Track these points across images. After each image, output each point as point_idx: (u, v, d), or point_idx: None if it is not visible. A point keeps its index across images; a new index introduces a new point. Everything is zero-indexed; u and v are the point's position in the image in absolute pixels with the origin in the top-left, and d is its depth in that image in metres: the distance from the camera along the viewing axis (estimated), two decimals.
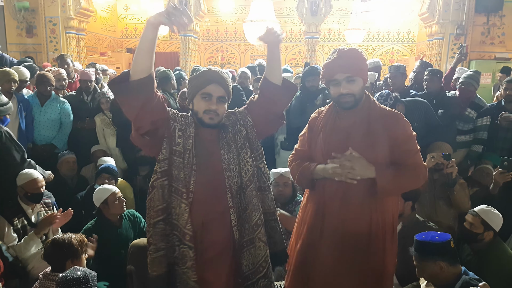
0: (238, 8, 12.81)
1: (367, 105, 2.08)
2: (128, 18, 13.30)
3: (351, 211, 2.07)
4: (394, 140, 2.01)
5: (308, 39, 9.74)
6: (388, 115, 2.07)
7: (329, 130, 2.15)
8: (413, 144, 2.06)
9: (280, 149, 4.87)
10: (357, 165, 1.97)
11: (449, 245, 2.21)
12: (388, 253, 2.11)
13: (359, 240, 2.06)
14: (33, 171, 3.31)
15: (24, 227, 3.18)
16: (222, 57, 13.31)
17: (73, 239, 2.47)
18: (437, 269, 2.20)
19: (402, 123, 2.06)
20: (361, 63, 2.06)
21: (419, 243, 2.26)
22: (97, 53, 11.50)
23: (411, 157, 2.04)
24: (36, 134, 4.54)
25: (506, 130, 4.21)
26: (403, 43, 12.68)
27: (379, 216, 2.06)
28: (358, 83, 2.04)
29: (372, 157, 2.00)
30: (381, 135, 2.02)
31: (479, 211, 2.80)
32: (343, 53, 2.04)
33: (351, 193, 2.05)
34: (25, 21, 9.17)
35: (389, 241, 2.11)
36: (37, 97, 4.58)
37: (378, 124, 2.03)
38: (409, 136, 2.05)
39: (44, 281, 2.39)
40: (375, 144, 2.01)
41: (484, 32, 8.66)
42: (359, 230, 2.06)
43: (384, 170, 1.98)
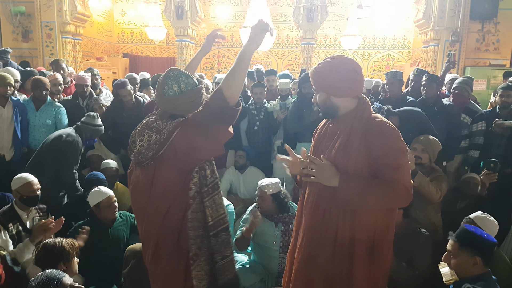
0: (234, 14, 12.84)
1: (353, 115, 2.03)
2: (125, 23, 13.30)
3: (319, 215, 2.05)
4: (371, 152, 1.91)
5: (304, 45, 9.77)
6: (371, 126, 1.96)
7: (321, 136, 2.19)
8: (394, 159, 1.90)
9: (277, 155, 4.86)
10: (320, 171, 1.94)
11: (493, 248, 2.26)
12: (358, 267, 2.00)
13: (324, 245, 2.03)
14: (27, 174, 3.29)
15: (19, 233, 3.15)
16: (219, 62, 13.33)
17: (64, 243, 2.46)
18: (471, 262, 2.21)
19: (385, 135, 1.93)
20: (325, 77, 2.02)
21: (467, 233, 2.25)
22: (93, 58, 11.48)
23: (389, 173, 1.89)
24: (31, 138, 4.52)
25: (500, 136, 4.24)
26: (398, 49, 12.75)
27: (346, 228, 1.98)
28: (320, 95, 2.07)
29: (345, 167, 1.94)
30: (357, 145, 1.94)
31: (474, 219, 2.81)
32: (318, 66, 2.07)
33: (322, 197, 2.04)
34: (21, 26, 9.15)
35: (361, 257, 1.99)
36: (32, 101, 4.56)
37: (357, 134, 1.96)
38: (390, 150, 1.90)
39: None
40: (349, 154, 1.95)
41: (479, 39, 8.73)
42: (324, 235, 2.03)
43: (349, 182, 1.90)
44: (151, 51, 13.43)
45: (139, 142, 1.97)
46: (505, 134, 4.22)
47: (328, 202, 2.02)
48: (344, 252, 2.01)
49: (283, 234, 3.21)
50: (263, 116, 4.84)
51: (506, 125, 4.15)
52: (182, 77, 2.00)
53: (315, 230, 2.07)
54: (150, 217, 2.07)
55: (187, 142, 1.93)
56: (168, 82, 2.00)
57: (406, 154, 1.99)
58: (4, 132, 4.30)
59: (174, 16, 9.73)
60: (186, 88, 2.00)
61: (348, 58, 2.08)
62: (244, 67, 1.93)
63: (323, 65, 2.05)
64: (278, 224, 3.24)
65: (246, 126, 4.88)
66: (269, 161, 5.01)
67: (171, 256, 2.09)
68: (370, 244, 2.01)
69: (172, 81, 1.99)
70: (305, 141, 4.59)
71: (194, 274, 2.05)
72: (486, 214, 2.84)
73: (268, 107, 4.86)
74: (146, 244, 2.16)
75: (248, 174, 4.66)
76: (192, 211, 2.01)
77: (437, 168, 3.40)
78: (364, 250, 2.00)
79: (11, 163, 4.33)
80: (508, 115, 4.27)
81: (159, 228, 2.05)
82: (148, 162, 1.98)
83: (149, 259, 2.14)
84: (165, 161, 1.97)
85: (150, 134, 1.95)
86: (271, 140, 4.98)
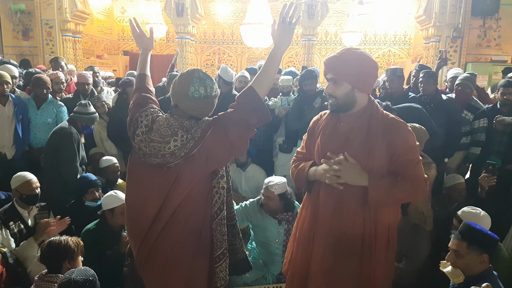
0: (235, 11, 12.81)
1: (369, 111, 2.00)
2: (125, 21, 13.27)
3: (343, 217, 2.01)
4: (394, 149, 1.93)
5: (305, 42, 9.75)
6: (390, 123, 1.98)
7: (328, 134, 2.11)
8: (414, 155, 1.97)
9: (279, 152, 4.87)
10: (347, 170, 1.91)
11: (497, 244, 2.31)
12: (379, 265, 2.03)
13: (350, 248, 2.01)
14: (27, 173, 3.29)
15: (20, 231, 3.16)
16: (219, 59, 13.30)
17: (69, 241, 2.46)
18: (478, 260, 2.20)
19: (404, 132, 1.97)
20: (353, 68, 1.95)
21: (473, 230, 2.23)
22: (93, 56, 11.48)
23: (411, 168, 1.94)
24: (32, 137, 4.53)
25: (501, 133, 4.22)
26: (399, 45, 12.72)
27: (372, 226, 2.00)
28: (343, 87, 1.98)
29: (369, 165, 1.93)
30: (380, 143, 1.94)
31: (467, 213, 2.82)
32: (341, 54, 2.00)
33: (345, 199, 2.01)
34: (21, 24, 9.15)
35: (382, 252, 2.03)
36: (33, 100, 4.56)
37: (378, 132, 1.95)
38: (410, 146, 1.96)
39: (40, 283, 2.37)
40: (372, 151, 1.94)
41: (480, 35, 8.71)
42: (350, 238, 2.00)
43: (378, 180, 1.91)
44: None
45: (173, 142, 1.87)
46: (506, 131, 4.20)
47: (353, 203, 1.99)
48: (370, 251, 2.02)
49: (286, 233, 3.21)
50: None
51: (507, 122, 4.13)
52: (208, 80, 1.99)
53: (340, 233, 2.02)
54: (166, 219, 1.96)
55: (224, 141, 1.90)
56: (194, 83, 1.95)
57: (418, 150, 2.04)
58: (5, 131, 4.30)
59: (174, 13, 9.71)
60: (212, 93, 1.98)
61: (367, 52, 2.06)
62: (274, 67, 1.98)
63: (349, 54, 1.99)
64: (282, 223, 3.24)
65: None
66: (270, 158, 5.00)
67: (193, 257, 2.02)
68: (387, 239, 2.05)
69: (199, 84, 1.95)
70: None
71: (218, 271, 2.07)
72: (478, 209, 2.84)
73: (269, 104, 4.84)
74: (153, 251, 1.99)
75: (250, 171, 4.65)
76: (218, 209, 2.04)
77: (424, 155, 3.38)
78: (384, 246, 2.04)
79: (12, 162, 4.32)
80: (509, 111, 4.24)
81: (180, 229, 1.96)
82: (177, 162, 1.91)
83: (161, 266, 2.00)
84: (196, 161, 1.90)
85: (182, 134, 1.89)
86: (272, 137, 4.97)
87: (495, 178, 3.43)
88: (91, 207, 3.53)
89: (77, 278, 2.00)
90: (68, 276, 2.03)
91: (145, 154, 1.93)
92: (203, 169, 1.96)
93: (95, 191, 3.57)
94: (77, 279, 2.00)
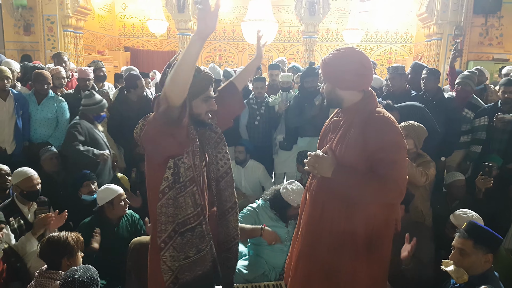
0: (236, 8, 12.79)
1: (356, 108, 2.02)
2: (126, 17, 13.27)
3: (318, 207, 2.08)
4: (367, 145, 1.90)
5: (306, 39, 9.73)
6: (371, 120, 1.95)
7: (327, 127, 2.21)
8: (389, 154, 1.88)
9: (279, 149, 4.87)
10: (319, 162, 1.98)
11: (501, 244, 2.30)
12: (358, 261, 2.01)
13: (322, 237, 2.05)
14: (28, 169, 3.30)
15: (20, 227, 3.17)
16: (220, 56, 13.29)
17: (68, 237, 2.44)
18: (483, 259, 2.19)
19: (383, 130, 1.91)
20: (330, 68, 2.03)
21: (481, 230, 2.22)
22: (94, 52, 11.46)
23: (382, 168, 1.87)
24: (32, 132, 4.52)
25: (502, 131, 4.22)
26: (401, 43, 12.70)
27: (342, 219, 2.00)
28: (326, 86, 2.10)
29: (342, 159, 1.97)
30: (355, 139, 1.94)
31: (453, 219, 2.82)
32: (328, 55, 2.06)
33: (320, 188, 2.08)
34: (22, 19, 9.13)
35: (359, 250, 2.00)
36: (34, 95, 4.56)
37: (357, 128, 1.96)
38: (386, 145, 1.88)
39: (40, 279, 2.36)
40: (347, 147, 1.96)
41: (482, 33, 8.67)
42: (322, 226, 2.05)
43: (342, 174, 1.94)
44: (152, 44, 13.40)
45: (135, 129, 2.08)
46: (507, 129, 4.20)
47: (326, 194, 2.05)
48: (341, 244, 2.01)
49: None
50: (263, 111, 4.82)
51: (507, 120, 4.13)
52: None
53: (313, 222, 2.10)
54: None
55: (147, 137, 1.96)
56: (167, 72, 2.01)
57: (403, 150, 1.96)
58: (5, 126, 4.30)
59: (176, 9, 9.69)
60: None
61: (357, 51, 2.06)
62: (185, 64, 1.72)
63: (332, 56, 2.05)
64: (290, 223, 3.22)
65: (246, 120, 4.87)
66: (269, 155, 5.00)
67: (153, 249, 2.15)
68: (368, 239, 2.00)
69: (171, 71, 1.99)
70: (307, 135, 4.59)
71: (162, 261, 2.05)
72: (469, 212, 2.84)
73: (269, 101, 4.84)
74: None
75: (249, 168, 4.65)
76: (161, 205, 1.99)
77: (424, 154, 3.38)
78: (362, 244, 2.00)
79: (12, 157, 4.33)
80: (510, 110, 4.25)
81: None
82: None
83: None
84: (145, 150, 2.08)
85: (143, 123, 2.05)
86: (271, 134, 4.97)
87: (491, 180, 3.42)
88: (87, 201, 3.56)
89: (81, 277, 1.97)
90: (71, 275, 1.99)
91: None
92: (149, 163, 2.08)
93: (90, 183, 3.60)
94: (81, 278, 1.97)
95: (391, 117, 2.00)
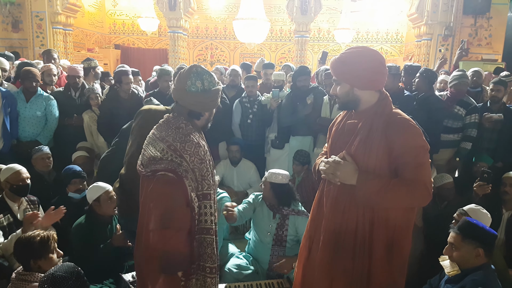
0: (228, 6, 12.76)
1: (374, 110, 1.98)
2: (116, 14, 13.15)
3: (339, 213, 2.03)
4: (391, 150, 1.88)
5: (298, 38, 9.74)
6: (393, 122, 1.92)
7: (339, 131, 2.14)
8: (415, 157, 1.87)
9: (271, 148, 4.86)
10: (340, 169, 1.93)
11: (494, 240, 2.32)
12: (376, 264, 2.00)
13: (345, 244, 2.02)
14: (16, 165, 3.28)
15: (10, 224, 3.13)
16: (212, 54, 13.25)
17: (36, 238, 2.29)
18: (473, 253, 2.25)
19: (406, 133, 1.89)
20: (349, 67, 1.96)
21: (469, 225, 2.29)
22: (84, 49, 11.36)
23: (409, 171, 1.86)
24: (20, 130, 4.46)
25: (491, 131, 4.27)
26: (391, 43, 12.76)
27: (366, 224, 1.97)
28: (342, 87, 2.02)
29: (365, 164, 1.92)
30: (377, 142, 1.90)
31: (468, 211, 2.83)
32: (340, 55, 2.01)
33: (341, 194, 2.02)
34: (11, 16, 9.02)
35: (379, 252, 1.99)
36: (22, 93, 4.49)
37: (378, 131, 1.91)
38: (411, 148, 1.87)
39: (15, 281, 2.27)
40: (370, 151, 1.92)
41: (471, 33, 8.77)
42: (344, 233, 2.01)
43: (367, 181, 1.88)
44: (143, 42, 13.31)
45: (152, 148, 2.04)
46: (496, 128, 4.24)
47: (348, 199, 1.99)
48: (364, 249, 1.99)
49: (278, 227, 3.23)
50: (256, 109, 4.81)
51: (494, 119, 4.17)
52: (206, 75, 2.01)
53: (335, 228, 2.04)
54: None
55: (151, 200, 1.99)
56: (191, 77, 1.98)
57: (427, 152, 1.94)
58: None
59: (167, 7, 9.64)
60: (209, 87, 2.00)
61: (373, 49, 2.03)
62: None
63: (348, 54, 2.00)
64: (276, 216, 3.26)
65: (239, 119, 4.86)
66: (262, 153, 4.99)
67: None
68: (389, 242, 1.99)
69: (196, 78, 1.98)
70: (299, 134, 4.59)
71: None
72: (479, 207, 2.86)
73: (262, 100, 4.83)
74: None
75: (241, 166, 4.65)
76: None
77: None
78: (383, 247, 1.99)
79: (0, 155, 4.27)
80: (498, 109, 4.30)
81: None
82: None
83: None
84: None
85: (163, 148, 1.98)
86: (264, 133, 4.96)
87: (490, 186, 3.41)
88: (74, 198, 3.54)
89: (57, 273, 1.93)
90: (50, 272, 1.96)
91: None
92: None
93: (78, 182, 3.57)
94: (57, 274, 1.93)
95: (410, 119, 1.98)
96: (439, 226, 3.16)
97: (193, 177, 1.93)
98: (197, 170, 1.94)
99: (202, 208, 2.00)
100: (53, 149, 4.28)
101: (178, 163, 1.89)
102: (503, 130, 4.27)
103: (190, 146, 1.93)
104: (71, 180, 3.56)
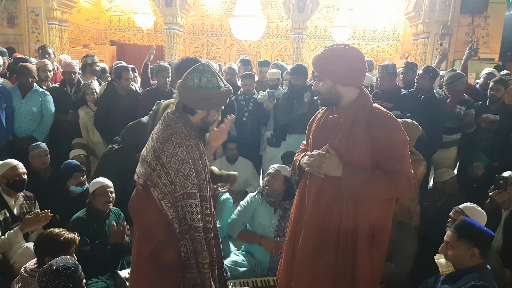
0: (224, 3, 12.72)
1: (356, 105, 2.02)
2: (112, 10, 13.09)
3: (321, 206, 2.06)
4: (375, 142, 1.93)
5: (295, 36, 9.71)
6: (375, 116, 1.98)
7: (320, 126, 2.17)
8: (398, 150, 1.93)
9: (267, 146, 4.85)
10: (325, 161, 1.97)
11: (491, 240, 2.31)
12: (360, 257, 2.02)
13: (328, 237, 2.04)
14: (12, 160, 3.29)
15: (6, 220, 3.11)
16: (208, 51, 13.21)
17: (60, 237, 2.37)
18: (468, 253, 2.24)
19: (388, 125, 1.96)
20: (332, 64, 1.99)
21: (466, 224, 2.29)
22: (80, 45, 11.29)
23: (392, 163, 1.92)
24: (16, 126, 4.43)
25: (488, 131, 4.27)
26: (388, 41, 12.78)
27: (350, 218, 2.00)
28: (325, 83, 2.04)
29: (349, 157, 1.96)
30: (361, 136, 1.95)
31: (464, 209, 2.84)
32: (323, 51, 2.04)
33: (324, 188, 2.05)
34: (6, 11, 8.95)
35: (363, 246, 2.02)
36: (18, 88, 4.46)
37: (361, 125, 1.96)
38: (393, 141, 1.93)
39: (25, 277, 2.31)
40: (353, 144, 1.96)
41: (468, 32, 8.77)
42: (328, 226, 2.04)
43: (352, 173, 1.94)
44: (139, 39, 13.26)
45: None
46: (493, 128, 4.25)
47: (331, 193, 2.03)
48: (347, 242, 2.02)
49: (280, 219, 3.26)
50: (252, 107, 4.79)
51: (490, 119, 4.17)
52: (208, 74, 2.01)
53: (318, 222, 2.07)
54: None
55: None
56: (193, 73, 2.01)
57: (407, 144, 2.00)
58: None
59: (163, 3, 9.59)
60: (206, 85, 2.00)
61: (354, 47, 2.06)
62: None
63: (330, 51, 2.02)
64: (277, 210, 3.27)
65: (235, 117, 4.84)
66: (258, 152, 4.98)
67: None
68: (371, 234, 2.03)
69: (197, 74, 2.00)
70: (295, 132, 4.58)
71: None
72: (475, 205, 2.87)
73: (258, 98, 4.82)
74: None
75: (238, 165, 4.64)
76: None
77: (415, 152, 3.39)
78: (366, 239, 2.03)
79: None
80: (497, 109, 4.28)
81: None
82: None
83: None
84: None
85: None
86: (260, 131, 4.94)
87: (507, 193, 3.34)
88: (75, 192, 3.55)
89: (55, 265, 1.96)
90: (49, 264, 1.99)
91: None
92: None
93: (79, 175, 3.57)
94: (54, 266, 1.95)
95: (390, 113, 2.04)
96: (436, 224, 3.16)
97: (166, 182, 1.95)
98: (173, 171, 1.94)
99: (187, 207, 2.00)
100: (48, 145, 4.25)
101: (154, 167, 1.96)
102: (499, 130, 4.27)
103: (168, 147, 1.95)
104: (73, 174, 3.56)
